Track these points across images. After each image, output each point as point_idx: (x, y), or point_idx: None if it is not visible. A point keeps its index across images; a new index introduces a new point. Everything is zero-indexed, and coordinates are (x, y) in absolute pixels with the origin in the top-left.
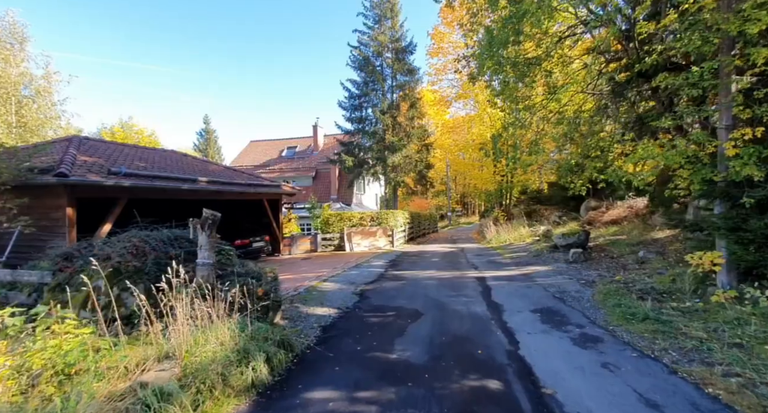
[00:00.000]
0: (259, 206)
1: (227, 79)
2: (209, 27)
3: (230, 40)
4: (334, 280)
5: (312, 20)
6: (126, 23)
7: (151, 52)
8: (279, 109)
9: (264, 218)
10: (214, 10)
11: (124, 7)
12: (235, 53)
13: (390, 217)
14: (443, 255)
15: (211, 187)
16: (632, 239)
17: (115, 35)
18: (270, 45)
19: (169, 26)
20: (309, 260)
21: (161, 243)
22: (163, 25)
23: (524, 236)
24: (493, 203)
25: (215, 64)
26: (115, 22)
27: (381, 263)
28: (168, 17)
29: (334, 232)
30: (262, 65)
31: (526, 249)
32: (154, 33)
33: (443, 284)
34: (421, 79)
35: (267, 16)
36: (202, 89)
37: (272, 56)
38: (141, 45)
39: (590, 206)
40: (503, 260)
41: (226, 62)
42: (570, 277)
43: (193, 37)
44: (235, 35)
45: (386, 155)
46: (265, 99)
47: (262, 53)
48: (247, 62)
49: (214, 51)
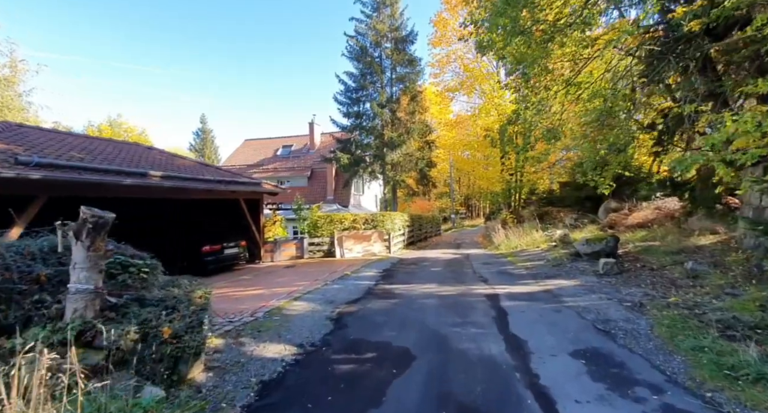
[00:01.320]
0: (236, 206)
1: (227, 79)
2: (209, 27)
3: (230, 40)
4: (309, 298)
5: (312, 20)
6: (126, 23)
7: (151, 52)
8: (279, 109)
9: (241, 220)
10: (214, 10)
11: (123, 8)
12: (235, 53)
13: (387, 220)
14: (446, 263)
15: (165, 183)
16: (669, 246)
17: (115, 35)
18: (270, 45)
19: (169, 26)
20: (292, 268)
21: (24, 258)
22: (163, 26)
23: (538, 241)
24: (500, 205)
25: (215, 64)
26: (115, 23)
27: (372, 273)
28: (168, 17)
29: (324, 236)
30: (262, 65)
31: (541, 257)
32: (154, 33)
33: (445, 305)
34: (422, 71)
35: (267, 16)
36: (202, 89)
37: (272, 56)
38: (141, 45)
39: (610, 207)
40: (517, 270)
41: (226, 62)
42: (608, 296)
43: (193, 37)
44: (235, 35)
45: (385, 152)
46: (265, 99)
47: (262, 53)
48: (247, 62)
49: (214, 51)
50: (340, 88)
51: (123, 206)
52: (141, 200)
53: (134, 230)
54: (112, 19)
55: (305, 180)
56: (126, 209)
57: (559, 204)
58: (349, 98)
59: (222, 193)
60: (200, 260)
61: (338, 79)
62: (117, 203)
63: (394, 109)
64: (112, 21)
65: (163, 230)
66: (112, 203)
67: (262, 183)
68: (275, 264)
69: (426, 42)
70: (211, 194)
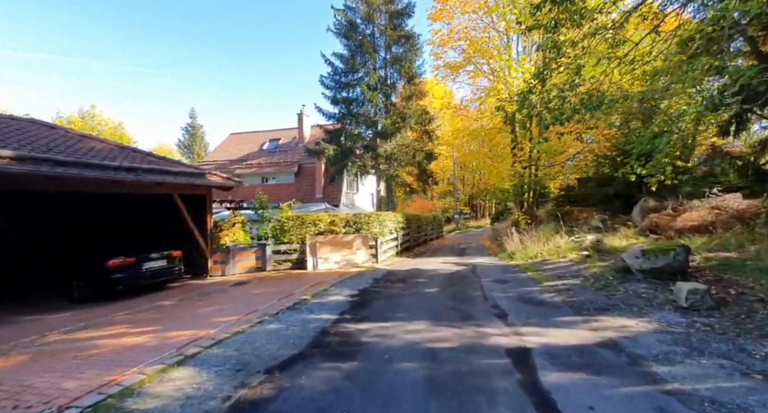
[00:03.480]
0: (170, 204)
1: (228, 80)
2: (209, 27)
3: (230, 40)
4: (208, 357)
5: (312, 20)
6: (126, 23)
7: (152, 52)
8: (280, 109)
9: (177, 223)
10: (215, 10)
11: (123, 8)
12: (235, 53)
13: (373, 221)
14: (446, 280)
15: (24, 168)
16: (755, 258)
17: (115, 35)
18: (270, 45)
19: (169, 27)
20: (241, 286)
21: None
22: (163, 26)
23: (563, 249)
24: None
25: (215, 64)
26: (114, 23)
27: (341, 297)
28: (168, 18)
29: (294, 242)
30: (262, 65)
31: (574, 272)
32: (154, 33)
33: (439, 379)
34: (421, 49)
35: (267, 16)
36: (202, 89)
37: (272, 56)
38: (141, 46)
39: (648, 206)
40: (546, 295)
41: (227, 62)
42: (732, 364)
43: (194, 38)
44: (235, 35)
45: (377, 142)
46: (265, 99)
47: (262, 53)
48: (248, 62)
49: (214, 51)
50: (327, 70)
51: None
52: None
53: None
54: (112, 19)
55: (292, 177)
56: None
57: (580, 203)
58: (337, 82)
59: (137, 185)
60: (106, 277)
61: (324, 59)
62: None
63: (388, 92)
64: (112, 21)
65: (51, 239)
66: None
67: (206, 174)
68: (224, 280)
69: (425, 16)
70: (118, 186)
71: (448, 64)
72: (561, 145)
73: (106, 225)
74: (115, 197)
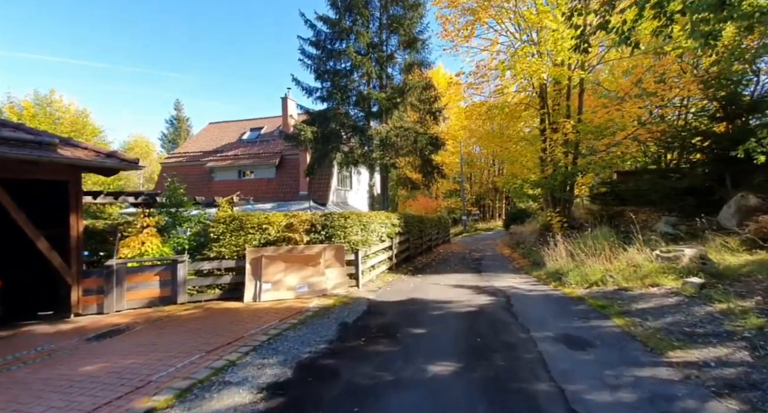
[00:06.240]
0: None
1: (227, 79)
2: (210, 27)
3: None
4: None
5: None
6: (126, 23)
7: (152, 53)
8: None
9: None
10: (215, 10)
11: (124, 8)
12: (235, 53)
13: (353, 225)
14: (466, 336)
15: None
16: None
17: (115, 35)
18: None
19: (170, 27)
20: (100, 343)
21: None
22: (163, 26)
23: (647, 269)
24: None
25: (216, 64)
26: (114, 23)
27: (244, 394)
28: (168, 18)
29: (229, 257)
30: (262, 65)
31: (703, 320)
32: (155, 34)
33: None
34: (424, 5)
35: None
36: (202, 89)
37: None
38: (141, 46)
39: (748, 205)
40: (684, 386)
41: (227, 63)
42: None
43: (194, 37)
44: (236, 35)
45: (368, 123)
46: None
47: (267, 54)
48: (248, 62)
49: (215, 51)
50: (309, 35)
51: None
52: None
53: None
54: (112, 20)
55: (273, 170)
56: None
57: (634, 201)
58: (321, 49)
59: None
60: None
61: (306, 21)
62: None
63: (383, 60)
64: (112, 21)
65: None
66: None
67: (58, 144)
68: (95, 323)
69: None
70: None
71: (457, 29)
72: (619, 117)
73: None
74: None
